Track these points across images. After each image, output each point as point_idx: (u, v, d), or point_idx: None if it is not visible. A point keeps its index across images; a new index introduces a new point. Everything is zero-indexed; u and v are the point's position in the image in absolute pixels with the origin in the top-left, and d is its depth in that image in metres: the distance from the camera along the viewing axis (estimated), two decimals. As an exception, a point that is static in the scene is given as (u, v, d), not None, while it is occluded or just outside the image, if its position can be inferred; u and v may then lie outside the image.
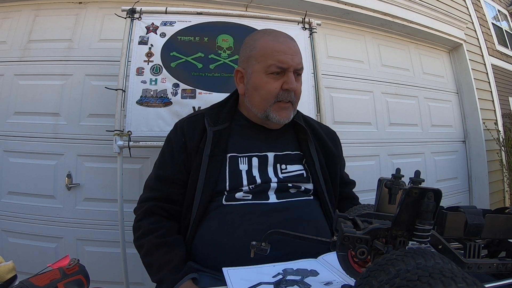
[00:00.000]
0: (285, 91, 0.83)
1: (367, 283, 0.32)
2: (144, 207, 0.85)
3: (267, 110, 0.85)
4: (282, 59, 0.81)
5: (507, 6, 4.61)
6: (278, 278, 0.56)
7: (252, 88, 0.86)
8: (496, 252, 0.52)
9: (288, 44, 0.84)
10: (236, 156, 0.86)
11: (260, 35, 0.88)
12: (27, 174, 1.83)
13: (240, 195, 0.81)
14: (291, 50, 0.83)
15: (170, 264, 0.74)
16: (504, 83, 3.75)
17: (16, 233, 1.81)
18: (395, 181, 0.53)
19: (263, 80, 0.84)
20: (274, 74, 0.83)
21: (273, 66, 0.82)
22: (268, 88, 0.83)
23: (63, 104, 1.89)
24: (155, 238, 0.79)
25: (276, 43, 0.84)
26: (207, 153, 0.83)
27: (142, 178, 1.85)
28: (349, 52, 2.53)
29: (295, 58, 0.83)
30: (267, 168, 0.85)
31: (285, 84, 0.83)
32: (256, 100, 0.86)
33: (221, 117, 0.89)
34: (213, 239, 0.77)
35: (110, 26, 1.95)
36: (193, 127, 0.89)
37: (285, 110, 0.86)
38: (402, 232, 0.42)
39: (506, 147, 3.26)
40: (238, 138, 0.89)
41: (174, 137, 0.90)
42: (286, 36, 0.87)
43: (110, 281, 1.74)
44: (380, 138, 2.55)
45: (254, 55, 0.85)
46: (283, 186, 0.83)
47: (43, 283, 0.45)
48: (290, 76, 0.83)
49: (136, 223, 0.85)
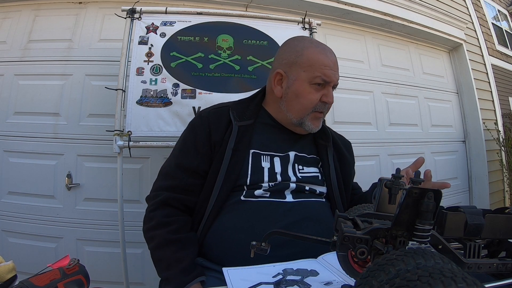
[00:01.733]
0: (322, 103, 0.88)
1: (367, 283, 0.32)
2: (159, 197, 0.82)
3: (304, 118, 0.89)
4: (328, 73, 0.86)
5: (507, 6, 4.61)
6: (278, 278, 0.56)
7: (293, 94, 0.88)
8: (496, 252, 0.52)
9: (333, 60, 0.89)
10: (259, 153, 0.87)
11: (308, 44, 0.90)
12: (27, 174, 1.83)
13: (260, 193, 0.82)
14: (335, 66, 0.88)
15: (181, 264, 0.73)
16: (504, 83, 3.75)
17: (16, 233, 1.81)
18: (395, 181, 0.52)
19: (306, 89, 0.87)
20: (316, 85, 0.86)
21: (318, 78, 0.85)
22: (309, 98, 0.87)
23: (63, 104, 1.89)
24: (167, 233, 0.78)
25: (325, 57, 0.87)
26: (231, 147, 0.84)
27: (142, 178, 1.85)
28: (349, 52, 2.53)
29: (336, 74, 0.89)
30: (288, 167, 0.87)
31: (324, 97, 0.87)
32: (295, 106, 0.89)
33: (247, 113, 0.91)
34: (231, 234, 0.77)
35: (110, 26, 1.95)
36: (219, 119, 0.89)
37: (318, 120, 0.91)
38: (402, 232, 0.42)
39: (506, 147, 3.26)
40: (261, 136, 0.90)
41: (199, 126, 0.88)
42: (331, 52, 0.91)
43: (110, 281, 1.74)
44: (380, 138, 2.55)
45: (300, 63, 0.87)
46: (300, 187, 0.85)
47: (43, 283, 0.45)
48: (330, 90, 0.88)
49: (148, 213, 0.83)
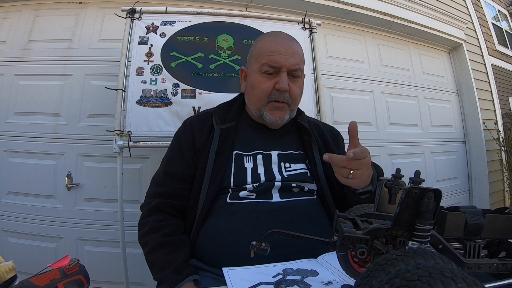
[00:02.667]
0: (277, 91, 0.85)
1: (367, 283, 0.32)
2: (151, 203, 0.85)
3: (261, 109, 0.88)
4: (275, 59, 0.84)
5: (507, 6, 4.61)
6: (278, 278, 0.56)
7: (250, 86, 0.90)
8: (496, 252, 0.52)
9: (284, 45, 0.86)
10: (242, 154, 0.87)
11: (263, 37, 0.92)
12: (27, 174, 1.83)
13: (244, 194, 0.82)
14: (287, 51, 0.85)
15: (173, 264, 0.74)
16: (504, 83, 3.75)
17: (16, 233, 1.81)
18: (395, 181, 0.52)
19: (257, 79, 0.87)
20: (267, 73, 0.85)
21: (265, 65, 0.85)
22: (261, 87, 0.86)
23: (63, 104, 1.89)
24: (160, 236, 0.79)
25: (272, 44, 0.86)
26: (214, 149, 0.85)
27: (142, 178, 1.85)
28: (349, 52, 2.53)
29: (289, 59, 0.84)
30: (272, 166, 0.86)
31: (277, 84, 0.84)
32: (252, 98, 0.90)
33: (228, 116, 0.92)
34: (218, 238, 0.78)
35: (110, 26, 1.95)
36: (202, 125, 0.91)
37: (278, 110, 0.87)
38: (402, 232, 0.42)
39: (506, 147, 3.26)
40: (244, 136, 0.91)
41: (184, 134, 0.92)
42: (285, 38, 0.89)
43: (110, 281, 1.74)
44: (380, 138, 2.55)
45: (253, 55, 0.89)
46: (286, 186, 0.84)
47: (43, 283, 0.45)
48: (283, 76, 0.84)
49: (142, 219, 0.86)
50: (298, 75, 0.88)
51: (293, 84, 0.86)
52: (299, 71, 0.87)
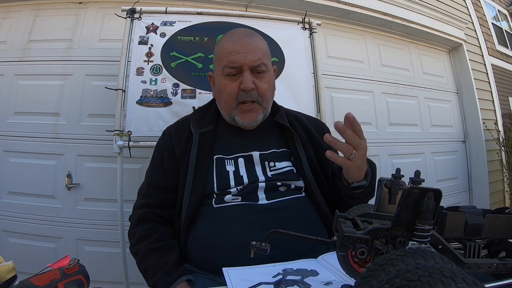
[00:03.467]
0: (243, 91, 0.82)
1: (367, 283, 0.32)
2: (138, 214, 0.86)
3: (231, 113, 0.85)
4: (233, 59, 0.81)
5: (507, 6, 4.61)
6: (278, 278, 0.56)
7: (217, 91, 0.88)
8: (496, 252, 0.52)
9: (241, 42, 0.82)
10: (223, 158, 0.85)
11: (221, 38, 0.89)
12: (27, 174, 1.83)
13: (229, 198, 0.80)
14: (245, 48, 0.81)
15: (164, 267, 0.74)
16: (504, 83, 3.75)
17: (16, 233, 1.81)
18: (395, 181, 0.52)
19: (222, 82, 0.84)
20: (230, 75, 0.83)
21: (226, 67, 0.82)
22: (227, 90, 0.83)
23: (63, 104, 1.89)
24: (149, 243, 0.79)
25: (229, 44, 0.83)
26: (194, 155, 0.83)
27: (142, 178, 1.82)
28: (349, 52, 2.53)
29: (248, 55, 0.81)
30: (255, 167, 0.84)
31: (241, 84, 0.81)
32: (221, 102, 0.88)
33: (205, 120, 0.90)
34: (206, 242, 0.77)
35: (110, 26, 1.95)
36: (180, 133, 0.90)
37: (250, 112, 0.85)
38: (402, 232, 0.42)
39: (506, 147, 3.26)
40: (223, 140, 0.89)
41: (163, 144, 0.91)
42: (242, 35, 0.85)
43: (110, 281, 1.74)
44: (380, 138, 2.55)
45: (215, 59, 0.87)
46: (272, 185, 0.82)
47: (43, 283, 0.45)
48: (245, 76, 0.81)
49: (131, 230, 0.86)
50: (263, 70, 0.84)
51: (260, 81, 0.83)
52: (262, 65, 0.83)
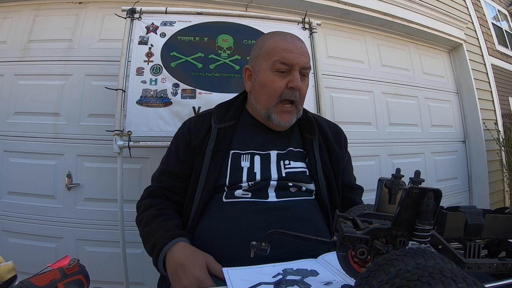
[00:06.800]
0: (290, 90, 0.84)
1: (367, 283, 0.32)
2: (148, 189, 0.91)
3: (270, 109, 0.87)
4: (287, 56, 0.83)
5: (507, 6, 4.61)
6: (278, 278, 0.56)
7: (259, 85, 0.88)
8: (496, 252, 0.52)
9: (295, 43, 0.86)
10: (239, 153, 0.87)
11: (270, 36, 0.91)
12: (27, 174, 1.83)
13: (239, 193, 0.82)
14: (298, 49, 0.85)
15: (165, 227, 0.77)
16: (504, 83, 3.75)
17: (16, 233, 1.81)
18: (395, 181, 0.52)
19: (269, 77, 0.85)
20: (279, 72, 0.85)
21: (277, 62, 0.84)
22: (273, 86, 0.85)
23: (63, 104, 1.89)
24: (154, 210, 0.83)
25: (283, 42, 0.86)
26: (211, 148, 0.85)
27: (142, 178, 1.85)
28: (349, 52, 2.53)
29: (301, 57, 0.85)
30: (270, 166, 0.86)
31: (290, 82, 0.84)
32: (261, 97, 0.88)
33: (227, 115, 0.92)
34: (213, 236, 0.78)
35: (110, 26, 1.95)
36: (200, 125, 0.92)
37: (287, 114, 0.87)
38: (402, 232, 0.42)
39: (506, 147, 3.26)
40: (242, 136, 0.90)
41: (181, 134, 0.94)
42: (294, 37, 0.89)
43: (110, 281, 1.74)
44: (380, 138, 2.55)
45: (262, 54, 0.88)
46: (283, 185, 0.83)
47: (43, 283, 0.45)
48: (296, 75, 0.84)
49: (138, 202, 0.91)
50: (307, 74, 0.88)
51: (303, 83, 0.86)
52: (309, 69, 0.88)
